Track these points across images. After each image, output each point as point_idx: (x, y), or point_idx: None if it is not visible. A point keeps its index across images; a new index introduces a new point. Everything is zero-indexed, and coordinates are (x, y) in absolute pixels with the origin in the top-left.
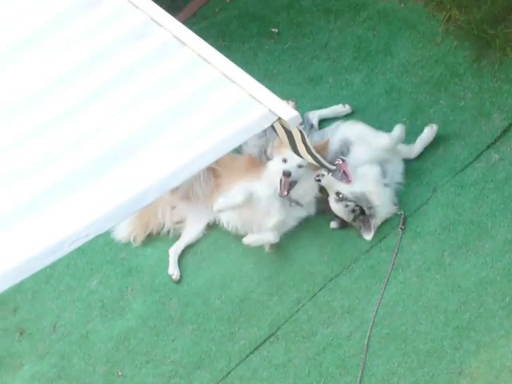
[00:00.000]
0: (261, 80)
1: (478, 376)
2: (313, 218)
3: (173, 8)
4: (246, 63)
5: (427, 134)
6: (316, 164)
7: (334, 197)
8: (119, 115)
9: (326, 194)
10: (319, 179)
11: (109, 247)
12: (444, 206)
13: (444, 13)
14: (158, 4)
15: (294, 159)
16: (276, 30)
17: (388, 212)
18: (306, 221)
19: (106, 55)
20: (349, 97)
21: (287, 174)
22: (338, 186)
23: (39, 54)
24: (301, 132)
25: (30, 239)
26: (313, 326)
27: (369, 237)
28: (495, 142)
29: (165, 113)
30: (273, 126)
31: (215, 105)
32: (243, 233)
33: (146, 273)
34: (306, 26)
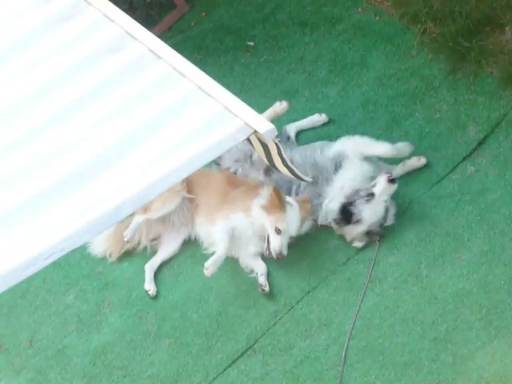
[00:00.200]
0: (237, 93)
1: None
2: None
3: (148, 22)
4: (222, 76)
5: (412, 163)
6: (292, 176)
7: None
8: (94, 129)
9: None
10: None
11: (85, 261)
12: (420, 218)
13: (419, 26)
14: (133, 18)
15: (287, 232)
16: (252, 44)
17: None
18: None
19: (80, 69)
20: (325, 110)
21: (281, 256)
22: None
23: (13, 68)
24: (277, 145)
25: (5, 254)
26: (290, 338)
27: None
28: (471, 154)
29: (140, 126)
30: (249, 139)
31: (191, 118)
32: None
33: (122, 287)
34: (281, 39)
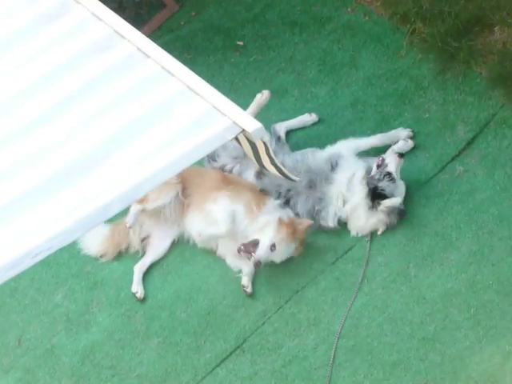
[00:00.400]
0: (226, 93)
1: None
2: None
3: (138, 21)
4: (211, 76)
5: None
6: (280, 176)
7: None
8: (82, 127)
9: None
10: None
11: (74, 261)
12: (409, 218)
13: (408, 26)
14: (123, 17)
15: (277, 256)
16: (241, 43)
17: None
18: None
19: (69, 68)
20: (314, 109)
21: (259, 266)
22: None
23: (0, 67)
24: (265, 144)
25: None
26: (279, 338)
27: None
28: (460, 154)
29: (128, 125)
30: (237, 138)
31: (179, 117)
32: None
33: (111, 286)
34: (271, 38)
